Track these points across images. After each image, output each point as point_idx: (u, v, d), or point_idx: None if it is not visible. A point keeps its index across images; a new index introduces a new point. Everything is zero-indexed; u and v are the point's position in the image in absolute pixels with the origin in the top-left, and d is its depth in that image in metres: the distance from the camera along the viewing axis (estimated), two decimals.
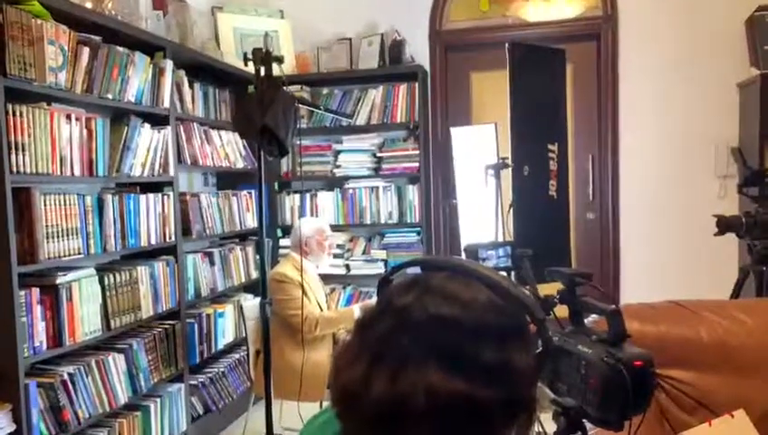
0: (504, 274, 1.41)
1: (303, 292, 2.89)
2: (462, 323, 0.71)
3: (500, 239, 2.96)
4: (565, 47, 3.36)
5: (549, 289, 1.33)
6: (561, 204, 2.90)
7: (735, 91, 3.73)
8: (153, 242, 2.96)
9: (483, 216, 3.27)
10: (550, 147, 2.87)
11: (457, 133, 3.82)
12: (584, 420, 1.09)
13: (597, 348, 1.02)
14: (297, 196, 4.26)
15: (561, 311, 1.26)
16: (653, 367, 0.97)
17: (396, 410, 0.68)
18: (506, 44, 2.86)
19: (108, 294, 2.65)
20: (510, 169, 2.83)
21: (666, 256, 3.88)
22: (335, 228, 4.09)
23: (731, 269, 3.49)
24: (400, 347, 0.70)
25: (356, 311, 3.08)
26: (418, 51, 4.15)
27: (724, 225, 2.61)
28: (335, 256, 3.96)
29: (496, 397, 0.69)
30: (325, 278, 3.80)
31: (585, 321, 1.20)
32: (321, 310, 3.10)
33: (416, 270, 0.83)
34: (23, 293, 2.23)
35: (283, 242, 4.18)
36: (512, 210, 2.74)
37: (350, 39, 4.20)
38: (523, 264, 1.30)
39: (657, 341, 1.77)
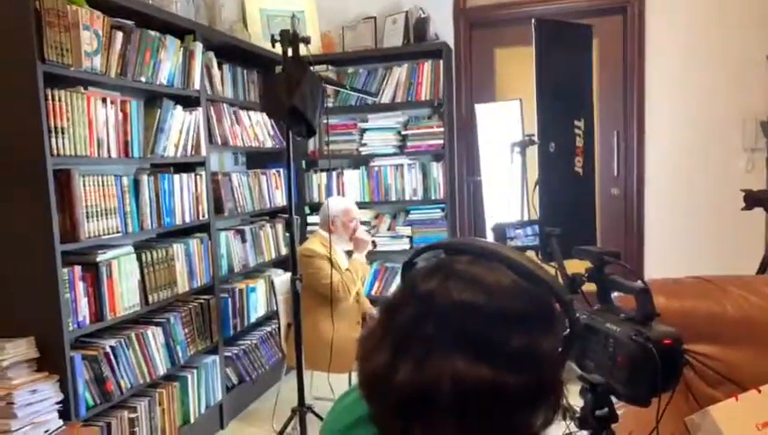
0: (532, 253, 1.41)
1: (332, 265, 2.92)
2: (486, 308, 0.69)
3: (525, 217, 2.93)
4: (591, 21, 3.27)
5: (574, 266, 1.32)
6: (587, 181, 2.85)
7: (766, 63, 3.61)
8: (187, 220, 3.00)
9: (508, 193, 3.24)
10: (576, 123, 2.81)
11: (482, 110, 3.78)
12: (611, 397, 1.09)
13: (625, 326, 1.01)
14: (324, 174, 4.26)
15: (588, 287, 1.25)
16: (682, 345, 0.97)
17: (421, 397, 0.67)
18: (532, 21, 2.80)
19: (145, 270, 2.70)
20: (536, 145, 2.79)
21: (691, 232, 3.81)
22: (361, 205, 4.10)
23: (757, 245, 3.42)
24: (425, 334, 0.69)
25: (357, 256, 3.15)
26: (442, 28, 4.09)
27: (751, 200, 2.55)
28: None
29: (522, 383, 0.68)
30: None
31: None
32: None
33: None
34: (66, 270, 2.29)
35: (310, 219, 4.21)
36: (537, 187, 2.70)
37: (375, 17, 4.15)
38: (550, 242, 1.29)
39: (682, 316, 1.75)
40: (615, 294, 1.23)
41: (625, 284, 1.11)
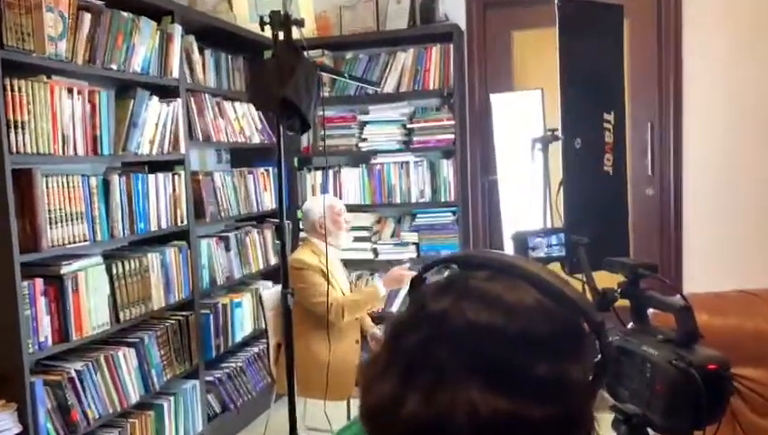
0: (557, 265, 1.40)
1: (327, 280, 2.91)
2: (506, 331, 0.69)
3: (548, 223, 2.93)
4: (621, 0, 3.27)
5: (605, 279, 1.31)
6: (617, 181, 2.84)
7: None
8: (164, 226, 3.01)
9: (528, 195, 3.24)
10: (605, 116, 2.80)
11: (498, 101, 3.78)
12: (648, 429, 1.08)
13: (664, 349, 1.01)
14: (319, 173, 4.27)
15: (620, 303, 1.25)
16: (729, 371, 0.96)
17: (432, 431, 0.67)
18: (555, 0, 2.81)
19: (116, 283, 2.71)
20: (559, 141, 2.78)
21: (734, 238, 3.80)
22: (361, 208, 4.11)
23: None
24: (436, 360, 0.68)
25: (380, 288, 3.12)
26: (453, 8, 4.09)
27: None
28: (360, 238, 3.98)
29: (547, 416, 0.67)
30: (352, 264, 3.83)
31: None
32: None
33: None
34: (25, 284, 2.29)
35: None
36: (561, 189, 2.70)
37: None
38: (578, 253, 1.29)
39: (726, 335, 1.75)
40: (651, 311, 1.23)
41: (663, 300, 1.11)
